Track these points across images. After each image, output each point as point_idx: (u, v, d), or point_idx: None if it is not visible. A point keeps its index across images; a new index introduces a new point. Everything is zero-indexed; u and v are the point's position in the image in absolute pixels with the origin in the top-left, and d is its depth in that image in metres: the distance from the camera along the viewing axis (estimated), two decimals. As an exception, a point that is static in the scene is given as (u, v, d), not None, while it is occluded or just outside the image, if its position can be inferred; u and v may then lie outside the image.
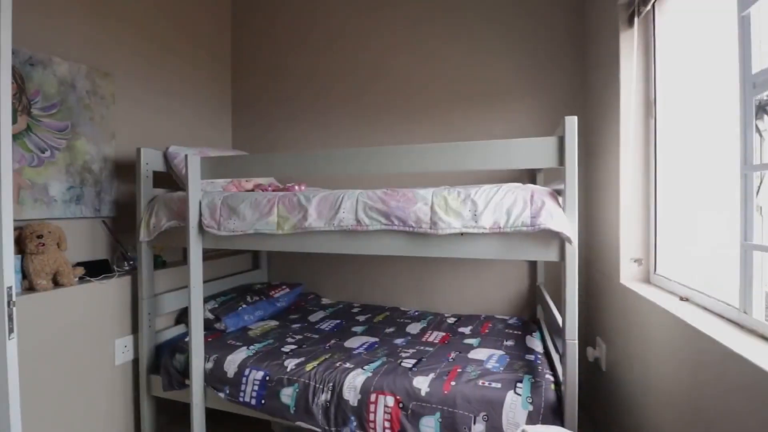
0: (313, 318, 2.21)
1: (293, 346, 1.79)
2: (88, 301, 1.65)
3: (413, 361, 1.61)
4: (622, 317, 1.60)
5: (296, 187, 1.95)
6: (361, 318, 2.21)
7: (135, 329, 1.84)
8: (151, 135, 2.16)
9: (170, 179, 1.97)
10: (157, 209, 1.77)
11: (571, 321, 1.26)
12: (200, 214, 1.65)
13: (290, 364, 1.61)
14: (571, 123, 1.23)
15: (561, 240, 1.28)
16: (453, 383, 1.42)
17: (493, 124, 2.28)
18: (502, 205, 1.30)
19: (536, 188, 1.34)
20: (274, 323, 2.10)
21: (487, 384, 1.40)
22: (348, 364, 1.59)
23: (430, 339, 1.90)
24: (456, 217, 1.33)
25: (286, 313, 2.31)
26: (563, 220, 1.25)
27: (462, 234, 1.35)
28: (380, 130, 2.48)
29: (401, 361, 1.60)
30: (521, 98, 2.24)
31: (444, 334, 1.96)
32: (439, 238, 1.37)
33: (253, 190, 1.94)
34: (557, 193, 1.36)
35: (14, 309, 1.05)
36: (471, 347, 1.77)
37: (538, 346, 1.78)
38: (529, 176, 2.22)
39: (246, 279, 2.54)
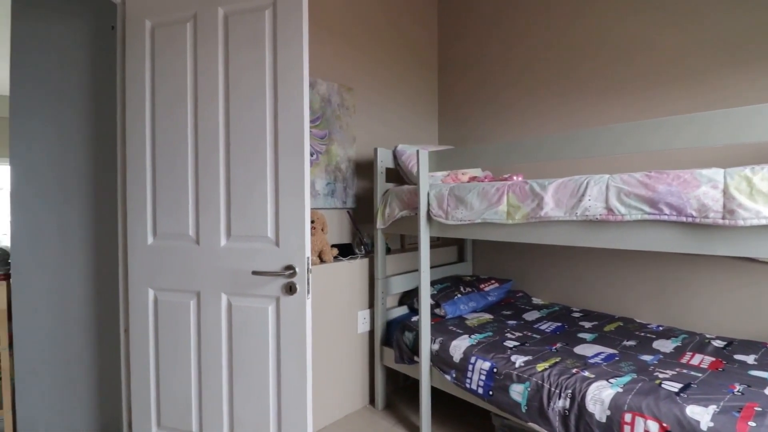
0: (528, 317, 2.08)
1: (515, 342, 1.72)
2: (341, 276, 1.99)
3: (677, 385, 1.30)
4: None
5: (514, 177, 1.87)
6: (587, 324, 1.95)
7: (371, 304, 2.13)
8: (378, 137, 2.46)
9: (397, 174, 2.19)
10: (390, 200, 1.99)
11: None
12: (428, 204, 1.76)
13: (518, 360, 1.54)
14: None
15: None
16: (752, 424, 1.08)
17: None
18: None
19: None
20: (488, 316, 2.08)
21: (819, 438, 1.00)
22: (587, 373, 1.41)
23: (693, 362, 1.51)
24: (770, 204, 0.99)
25: (497, 308, 2.26)
26: None
27: (778, 226, 1.00)
28: (610, 113, 2.15)
29: (660, 383, 1.32)
30: None
31: (713, 359, 1.53)
32: (736, 230, 1.05)
33: (468, 182, 1.97)
34: None
35: (310, 275, 1.33)
36: (765, 382, 1.32)
37: None
38: None
39: (452, 271, 2.62)
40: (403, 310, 2.26)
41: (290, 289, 1.30)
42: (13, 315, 1.70)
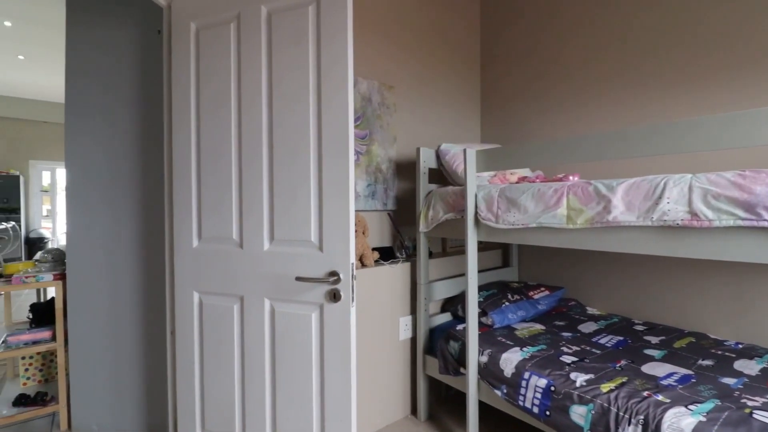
0: (584, 329, 1.92)
1: (573, 358, 1.58)
2: (382, 281, 1.92)
3: (774, 416, 1.13)
4: None
5: (570, 178, 1.73)
6: (653, 339, 1.77)
7: (413, 311, 2.04)
8: (418, 136, 2.37)
9: (440, 175, 2.10)
10: (434, 203, 1.89)
11: None
12: (476, 207, 1.65)
13: (578, 379, 1.41)
14: None
15: None
16: None
17: None
18: None
19: None
20: (540, 327, 1.94)
21: None
22: (660, 397, 1.26)
23: (787, 389, 1.32)
24: None
25: (548, 317, 2.11)
26: None
27: None
28: (691, 109, 1.95)
29: (751, 412, 1.15)
30: None
31: (812, 386, 1.33)
32: None
33: (518, 183, 1.84)
34: None
35: (354, 281, 1.27)
36: None
37: None
38: None
39: (496, 276, 2.48)
40: (447, 317, 2.15)
41: (334, 296, 1.24)
42: (68, 313, 1.77)
